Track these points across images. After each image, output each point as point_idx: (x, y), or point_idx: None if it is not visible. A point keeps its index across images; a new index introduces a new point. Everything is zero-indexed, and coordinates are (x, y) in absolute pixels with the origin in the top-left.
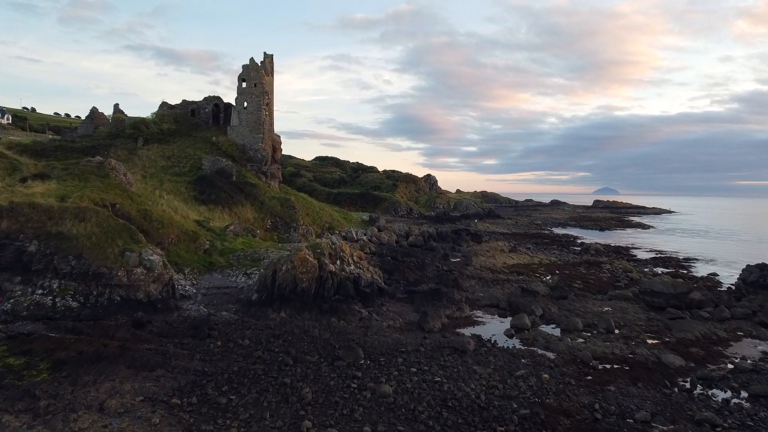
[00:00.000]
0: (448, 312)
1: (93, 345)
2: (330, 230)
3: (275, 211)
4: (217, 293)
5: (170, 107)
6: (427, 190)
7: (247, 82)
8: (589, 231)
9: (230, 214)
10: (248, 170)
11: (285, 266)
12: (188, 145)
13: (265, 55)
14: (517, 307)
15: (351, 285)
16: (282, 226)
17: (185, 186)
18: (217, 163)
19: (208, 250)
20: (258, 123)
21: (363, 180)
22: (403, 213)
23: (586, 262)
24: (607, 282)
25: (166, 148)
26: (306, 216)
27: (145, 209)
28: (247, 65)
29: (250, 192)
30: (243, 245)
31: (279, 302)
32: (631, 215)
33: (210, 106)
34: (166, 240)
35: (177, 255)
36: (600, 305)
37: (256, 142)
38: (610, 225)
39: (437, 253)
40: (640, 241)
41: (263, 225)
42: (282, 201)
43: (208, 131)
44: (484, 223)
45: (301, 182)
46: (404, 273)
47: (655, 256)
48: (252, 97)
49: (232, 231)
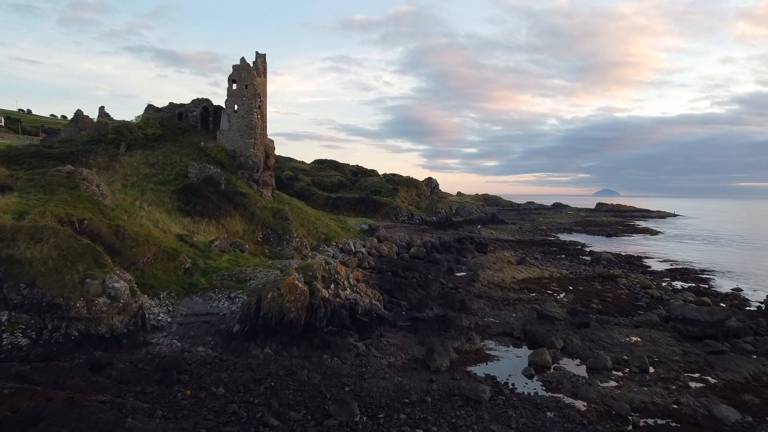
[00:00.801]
0: (456, 344)
1: (34, 399)
2: (326, 242)
3: (267, 223)
4: (195, 322)
5: (156, 110)
6: (429, 194)
7: (238, 83)
8: (595, 237)
9: (217, 227)
10: (238, 178)
11: (271, 293)
12: (174, 151)
13: (257, 55)
14: (534, 337)
15: (346, 313)
16: (274, 239)
17: (169, 196)
18: (205, 170)
19: (190, 270)
20: (249, 127)
21: (363, 184)
22: (404, 218)
23: (600, 275)
24: (627, 301)
25: (150, 154)
26: (300, 227)
27: (118, 225)
28: (238, 65)
29: (240, 202)
30: (229, 263)
31: (263, 335)
32: (636, 219)
33: (198, 109)
34: (140, 260)
35: (153, 276)
36: (627, 334)
37: (247, 148)
38: (616, 230)
39: (441, 267)
40: (651, 249)
41: (253, 238)
42: (274, 211)
43: (196, 136)
44: (488, 229)
45: (299, 186)
46: (406, 292)
47: (671, 268)
48: (243, 100)
49: (218, 247)
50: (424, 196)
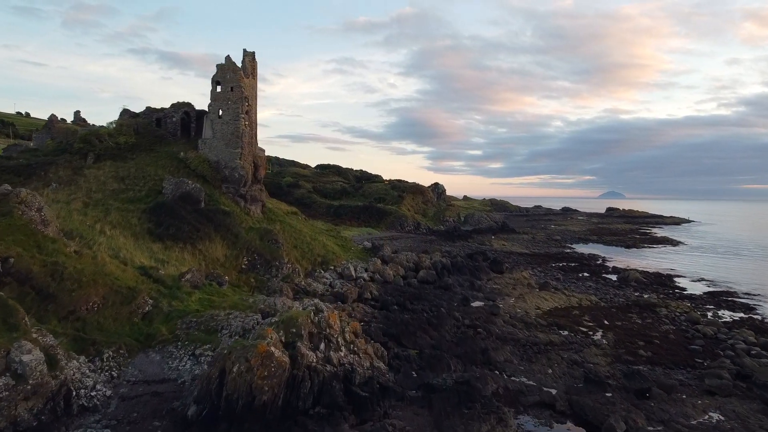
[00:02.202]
0: (485, 429)
1: None
2: (323, 266)
3: (253, 247)
4: (144, 394)
5: (132, 116)
6: (435, 200)
7: (223, 85)
8: (614, 249)
9: (193, 253)
10: (222, 193)
11: (237, 366)
12: (149, 163)
13: (245, 54)
14: (584, 412)
15: (339, 386)
16: (261, 265)
17: (138, 216)
18: (182, 185)
19: (150, 315)
20: (235, 135)
21: (367, 191)
22: (410, 228)
23: (635, 304)
24: (677, 342)
25: (121, 166)
26: (293, 249)
27: (56, 262)
28: (222, 65)
29: (222, 222)
30: (200, 304)
31: (227, 423)
32: (650, 225)
33: (179, 114)
34: (83, 306)
35: (98, 327)
36: (702, 407)
37: (232, 159)
38: (634, 240)
39: (454, 295)
40: (678, 263)
41: (237, 265)
42: (262, 233)
43: (176, 145)
44: (499, 240)
45: (300, 194)
46: (415, 336)
47: (709, 290)
48: (228, 104)
49: (189, 281)
50: (431, 204)
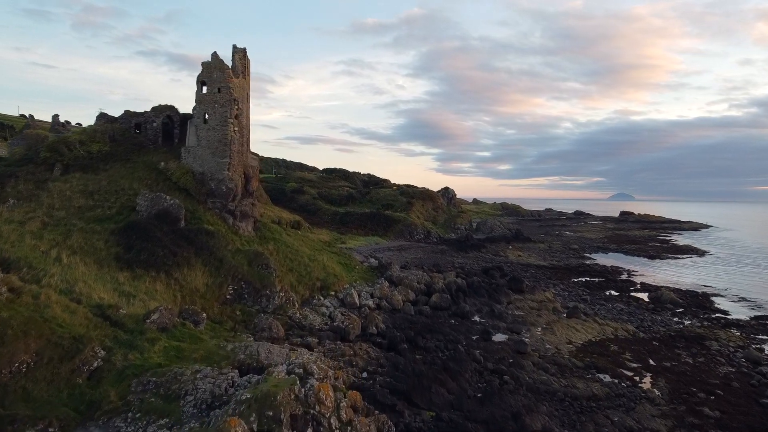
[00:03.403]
0: None
1: None
2: (323, 290)
3: (240, 273)
4: None
5: (109, 120)
6: (446, 206)
7: (209, 86)
8: (636, 259)
9: (167, 284)
10: (208, 209)
11: None
12: (124, 175)
13: (235, 50)
14: None
15: None
16: (249, 295)
17: (105, 239)
18: (159, 201)
19: (98, 373)
20: (223, 142)
21: (374, 197)
22: (420, 237)
23: (680, 336)
24: (744, 393)
25: (92, 179)
26: (288, 273)
27: None
28: (208, 63)
29: (205, 244)
30: (164, 355)
31: None
32: (668, 231)
33: (160, 119)
34: (4, 367)
35: (23, 396)
36: None
37: (219, 170)
38: (656, 250)
39: (473, 326)
40: (710, 278)
41: (220, 295)
42: (251, 256)
43: (156, 154)
44: (515, 251)
45: (304, 200)
46: (429, 391)
47: (756, 313)
48: (215, 107)
49: (156, 323)
50: (441, 210)
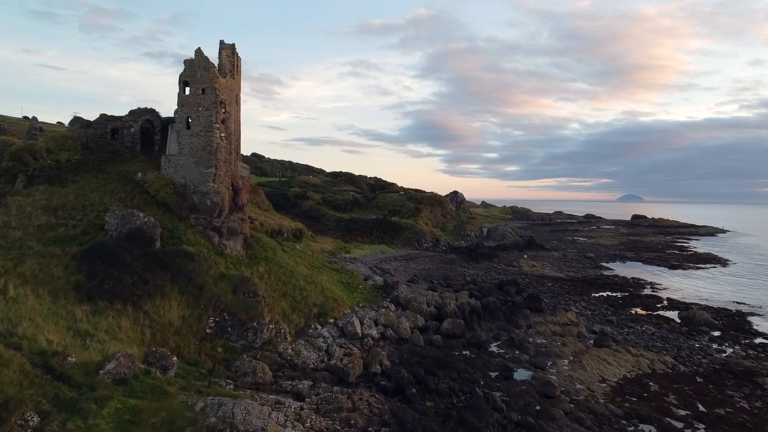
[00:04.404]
0: None
1: None
2: (321, 317)
3: (223, 303)
4: None
5: (84, 125)
6: (455, 211)
7: (192, 86)
8: (657, 269)
9: (135, 318)
10: (190, 226)
11: None
12: (95, 187)
13: (222, 46)
14: None
15: None
16: (234, 327)
17: (65, 264)
18: (131, 219)
19: None
20: (207, 151)
21: (381, 202)
22: (428, 245)
23: (726, 370)
24: None
25: (58, 192)
26: (281, 298)
27: None
28: (191, 60)
29: (183, 269)
30: (115, 420)
31: None
32: (684, 236)
33: (138, 123)
34: None
35: None
36: None
37: (204, 181)
38: (676, 257)
39: (491, 359)
40: (740, 292)
41: (198, 330)
42: (237, 282)
43: (133, 163)
44: (529, 261)
45: (308, 206)
46: None
47: None
48: (199, 111)
49: (112, 373)
50: (450, 216)
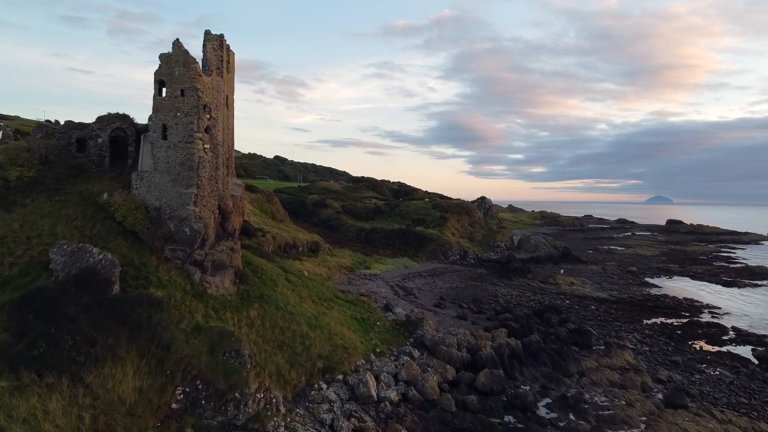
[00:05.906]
0: None
1: None
2: (327, 373)
3: (195, 367)
4: None
5: (47, 134)
6: (483, 219)
7: (169, 86)
8: (710, 287)
9: (72, 397)
10: (165, 259)
11: None
12: (47, 212)
13: (208, 38)
14: None
15: None
16: (209, 399)
17: None
18: (82, 257)
19: None
20: (188, 166)
21: (404, 210)
22: (456, 257)
23: None
24: None
25: (1, 218)
26: (276, 351)
27: None
28: (167, 55)
29: (145, 322)
30: None
31: None
32: (727, 245)
33: (107, 132)
34: None
35: None
36: None
37: (183, 204)
38: (726, 270)
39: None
40: None
41: (160, 405)
42: (215, 338)
43: (99, 181)
44: (567, 277)
45: (326, 214)
46: None
47: None
48: (177, 117)
49: None
50: (479, 225)
